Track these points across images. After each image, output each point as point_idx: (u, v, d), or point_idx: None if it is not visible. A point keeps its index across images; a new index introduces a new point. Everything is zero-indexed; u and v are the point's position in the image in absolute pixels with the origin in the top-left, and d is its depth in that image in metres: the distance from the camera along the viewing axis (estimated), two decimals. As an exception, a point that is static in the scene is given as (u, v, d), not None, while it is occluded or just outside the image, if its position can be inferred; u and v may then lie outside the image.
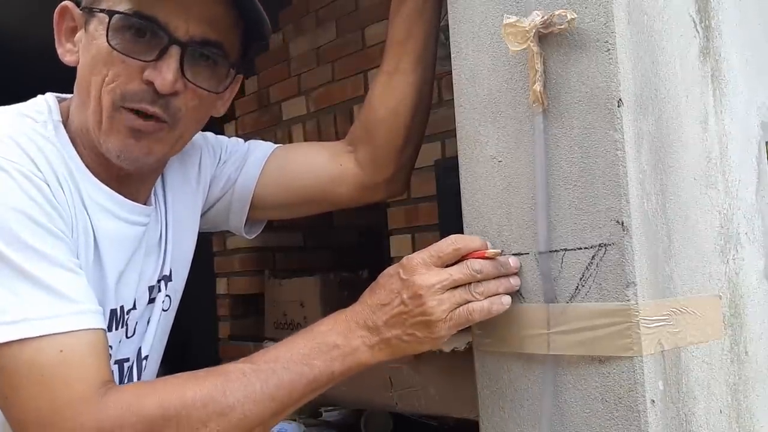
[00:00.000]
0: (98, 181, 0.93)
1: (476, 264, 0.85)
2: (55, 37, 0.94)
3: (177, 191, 1.07)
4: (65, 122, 0.93)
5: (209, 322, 3.34)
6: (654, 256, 0.85)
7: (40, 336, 0.77)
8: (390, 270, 0.89)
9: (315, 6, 2.84)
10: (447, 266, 0.86)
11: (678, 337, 0.86)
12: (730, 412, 0.94)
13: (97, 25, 0.89)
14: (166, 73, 0.87)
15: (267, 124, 2.96)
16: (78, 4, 0.94)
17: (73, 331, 0.78)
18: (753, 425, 0.99)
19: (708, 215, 0.96)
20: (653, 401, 0.81)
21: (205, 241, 3.54)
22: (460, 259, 0.86)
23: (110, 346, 0.92)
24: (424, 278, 0.84)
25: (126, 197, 0.96)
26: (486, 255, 0.87)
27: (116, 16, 0.86)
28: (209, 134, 1.14)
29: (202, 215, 1.13)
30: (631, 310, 0.81)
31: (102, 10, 0.88)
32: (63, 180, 0.87)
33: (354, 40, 2.63)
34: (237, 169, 1.13)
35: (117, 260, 0.94)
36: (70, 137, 0.92)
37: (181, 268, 1.07)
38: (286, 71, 2.96)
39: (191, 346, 3.68)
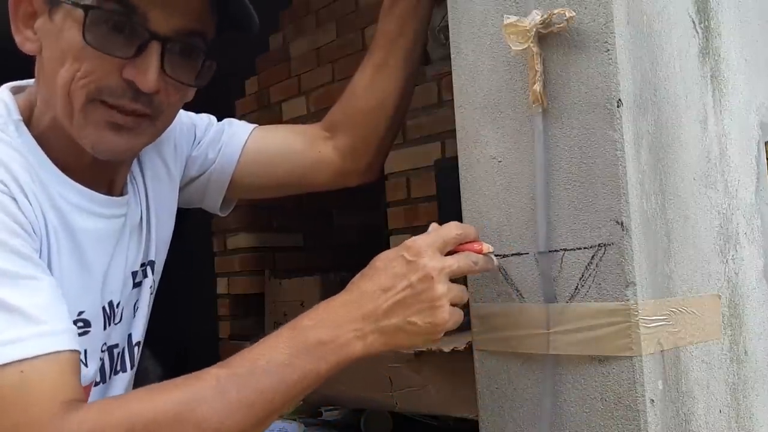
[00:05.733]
0: (70, 179, 0.89)
1: (475, 257, 0.84)
2: (11, 23, 0.87)
3: (154, 171, 1.05)
4: (28, 117, 0.89)
5: (209, 322, 3.34)
6: (653, 256, 0.85)
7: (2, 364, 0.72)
8: (388, 254, 0.83)
9: (315, 6, 2.84)
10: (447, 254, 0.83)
11: (677, 336, 0.86)
12: (729, 411, 0.95)
13: (66, 17, 0.83)
14: (148, 73, 0.82)
15: (267, 125, 2.96)
16: None
17: (38, 356, 0.73)
18: (752, 425, 0.99)
19: (707, 215, 0.96)
20: (653, 401, 0.81)
21: (205, 241, 3.54)
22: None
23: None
24: (435, 261, 0.80)
25: (101, 188, 0.93)
26: (483, 251, 0.86)
27: (93, 11, 0.81)
28: (182, 112, 1.10)
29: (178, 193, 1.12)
30: (631, 310, 0.81)
31: (74, 4, 0.81)
32: (29, 189, 0.83)
33: (354, 41, 2.63)
34: (215, 151, 1.12)
35: (101, 257, 0.93)
36: (35, 134, 0.88)
37: (162, 250, 1.07)
38: (287, 72, 2.96)
39: (191, 346, 3.68)
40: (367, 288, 0.81)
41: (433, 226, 0.87)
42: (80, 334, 0.89)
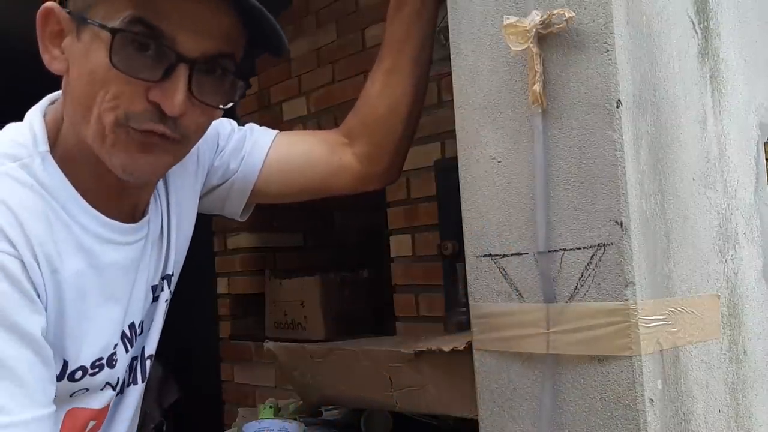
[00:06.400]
0: (95, 211, 0.88)
1: None
2: (39, 41, 0.86)
3: (176, 179, 1.04)
4: (55, 137, 0.88)
5: (209, 322, 3.34)
6: (653, 255, 0.85)
7: None
8: None
9: (315, 7, 2.85)
10: None
11: (677, 336, 0.87)
12: (728, 411, 0.95)
13: (93, 38, 0.81)
14: (174, 97, 0.81)
15: (267, 125, 2.96)
16: (61, 3, 0.85)
17: None
18: (751, 424, 0.99)
19: (707, 215, 0.96)
20: (652, 400, 0.81)
21: (205, 241, 3.53)
22: None
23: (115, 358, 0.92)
24: None
25: (125, 212, 0.93)
26: None
27: (119, 34, 0.79)
28: None
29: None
30: (630, 310, 0.81)
31: (102, 26, 0.80)
32: (39, 246, 0.81)
33: (354, 41, 2.63)
34: (237, 160, 1.12)
35: (126, 284, 0.93)
36: (60, 155, 0.87)
37: (179, 262, 1.06)
38: (287, 72, 2.96)
39: (191, 346, 3.68)
40: None
41: None
42: (114, 365, 0.92)
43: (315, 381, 1.65)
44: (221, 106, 0.88)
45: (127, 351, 0.94)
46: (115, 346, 0.92)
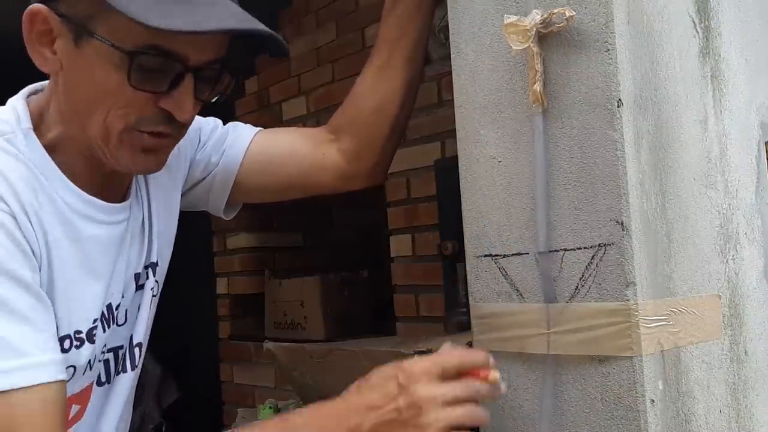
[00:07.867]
0: (77, 188, 0.91)
1: (477, 385, 0.79)
2: (26, 41, 0.87)
3: (156, 174, 1.05)
4: (38, 123, 0.90)
5: (209, 322, 3.34)
6: (653, 256, 0.85)
7: None
8: (386, 370, 0.80)
9: (315, 6, 2.84)
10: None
11: (677, 336, 0.86)
12: (729, 411, 0.95)
13: (97, 53, 0.83)
14: (185, 105, 0.86)
15: (267, 124, 2.96)
16: (47, 3, 0.86)
17: (23, 387, 0.76)
18: (752, 425, 0.99)
19: (707, 215, 0.96)
20: (653, 401, 0.81)
21: (204, 241, 3.53)
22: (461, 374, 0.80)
23: (92, 341, 0.92)
24: (426, 389, 0.76)
25: (107, 194, 0.95)
26: (489, 378, 0.80)
27: (137, 58, 0.82)
28: None
29: (181, 196, 1.13)
30: (631, 310, 0.81)
31: (114, 46, 0.82)
32: (30, 206, 0.84)
33: (354, 41, 2.63)
34: (218, 153, 1.13)
35: (107, 262, 0.95)
36: (44, 142, 0.89)
37: (165, 250, 1.07)
38: (287, 71, 2.96)
39: (191, 346, 3.68)
40: (356, 402, 0.80)
41: (444, 347, 0.83)
42: (94, 341, 0.92)
43: (315, 381, 1.65)
44: (215, 100, 0.92)
45: (104, 331, 0.94)
46: (95, 320, 0.92)
